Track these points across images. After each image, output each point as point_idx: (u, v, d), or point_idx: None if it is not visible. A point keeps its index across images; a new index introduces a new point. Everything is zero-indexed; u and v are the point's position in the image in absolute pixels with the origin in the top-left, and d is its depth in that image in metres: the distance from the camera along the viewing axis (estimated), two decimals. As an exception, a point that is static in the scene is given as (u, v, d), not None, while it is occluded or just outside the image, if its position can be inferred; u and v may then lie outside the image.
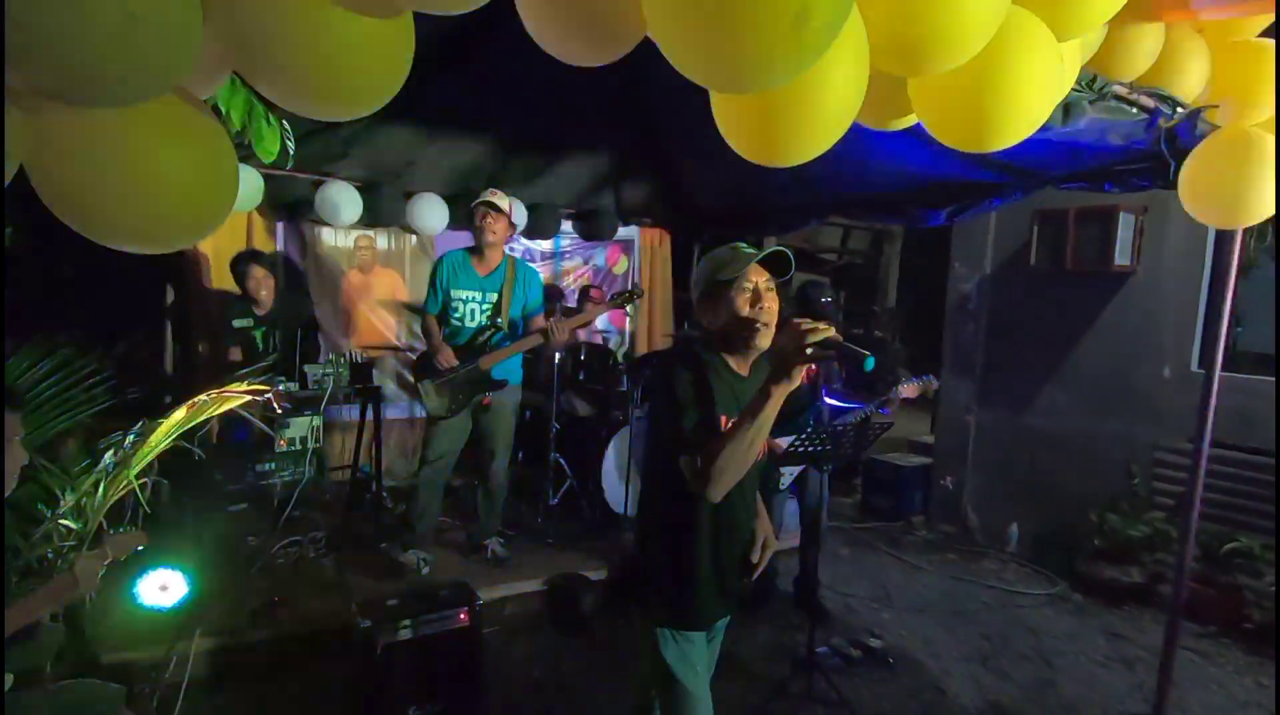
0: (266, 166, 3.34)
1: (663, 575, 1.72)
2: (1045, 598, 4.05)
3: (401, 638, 2.54)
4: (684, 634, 1.71)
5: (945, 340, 5.28)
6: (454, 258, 3.54)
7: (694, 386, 1.58)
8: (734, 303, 1.61)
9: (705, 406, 1.58)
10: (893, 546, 4.79)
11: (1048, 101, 1.55)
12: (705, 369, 1.63)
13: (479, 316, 3.53)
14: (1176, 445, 3.97)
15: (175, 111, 1.09)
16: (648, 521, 1.82)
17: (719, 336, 1.68)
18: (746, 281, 1.61)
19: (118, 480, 2.41)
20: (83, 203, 1.08)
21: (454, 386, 3.47)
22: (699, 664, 1.73)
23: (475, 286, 3.53)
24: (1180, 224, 3.86)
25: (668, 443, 1.60)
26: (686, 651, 1.71)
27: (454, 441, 3.59)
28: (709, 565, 1.69)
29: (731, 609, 1.84)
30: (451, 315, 3.52)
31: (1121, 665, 3.33)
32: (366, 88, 1.08)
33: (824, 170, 3.38)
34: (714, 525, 1.68)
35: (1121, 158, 2.66)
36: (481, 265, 3.53)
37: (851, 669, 3.17)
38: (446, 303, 3.51)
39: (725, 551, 1.71)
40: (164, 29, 0.85)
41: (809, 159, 1.44)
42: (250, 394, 2.59)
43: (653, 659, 1.72)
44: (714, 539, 1.69)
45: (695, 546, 1.68)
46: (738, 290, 1.61)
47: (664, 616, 1.72)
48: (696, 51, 1.09)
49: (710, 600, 1.73)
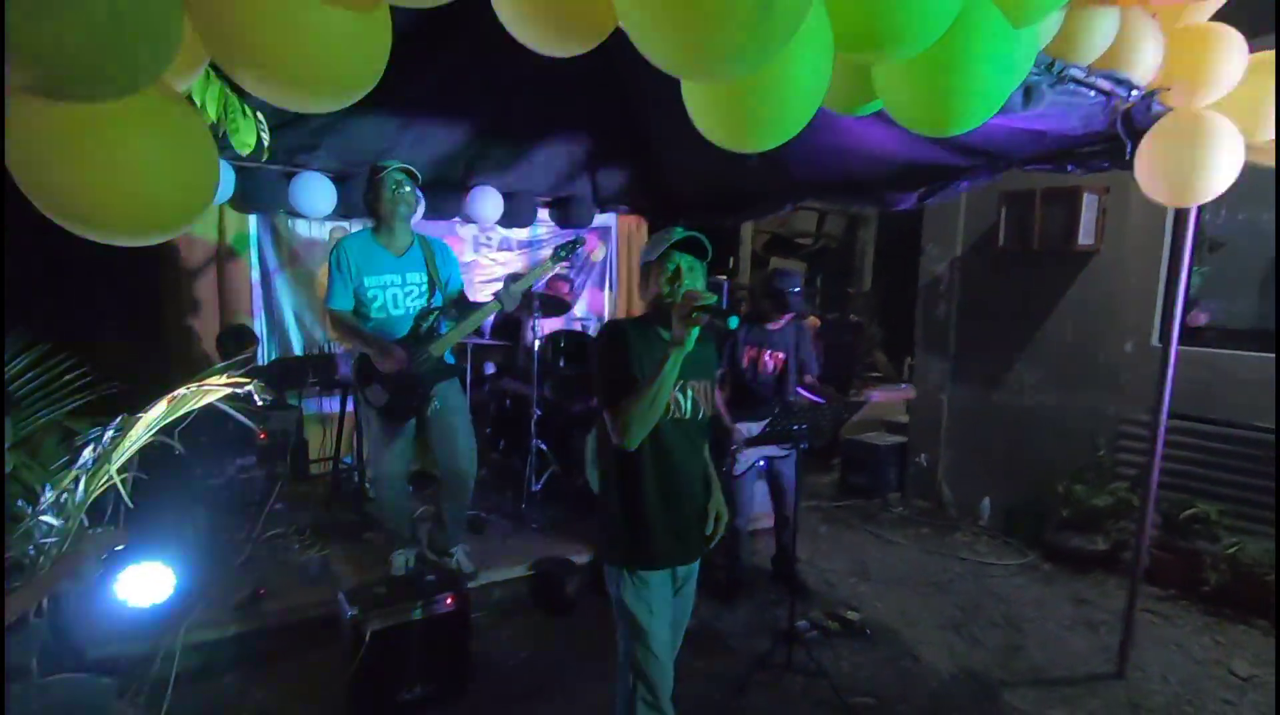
0: (239, 159, 3.31)
1: (615, 520, 1.91)
2: (1016, 568, 4.19)
3: (389, 624, 2.57)
4: (639, 574, 1.89)
5: (918, 321, 5.39)
6: (358, 241, 3.12)
7: (613, 352, 1.80)
8: (659, 281, 1.83)
9: (620, 368, 1.78)
10: (869, 523, 4.91)
11: (1005, 86, 1.61)
12: (628, 337, 1.82)
13: (403, 302, 3.14)
14: (1139, 417, 4.12)
15: (154, 103, 1.11)
16: (602, 473, 1.99)
17: (650, 309, 1.90)
18: (669, 262, 1.82)
19: (98, 475, 2.40)
20: (63, 195, 1.09)
21: (408, 384, 3.10)
22: (654, 604, 1.90)
23: (392, 269, 3.12)
24: (1141, 204, 3.98)
25: (600, 401, 1.83)
26: (642, 592, 1.89)
27: (406, 446, 3.26)
28: (656, 509, 1.88)
29: (690, 557, 2.01)
30: (369, 306, 3.09)
31: (1086, 629, 3.47)
32: (345, 79, 1.11)
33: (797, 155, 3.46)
34: (655, 473, 1.87)
35: (1082, 140, 2.74)
36: (393, 246, 3.15)
37: (830, 641, 3.27)
38: (358, 295, 3.09)
39: (672, 498, 1.90)
40: (147, 24, 0.87)
41: (778, 143, 1.49)
42: (230, 386, 2.59)
43: (615, 599, 1.93)
44: (657, 484, 1.88)
45: (640, 493, 1.87)
46: (660, 270, 1.83)
47: (618, 557, 1.92)
48: (665, 41, 1.13)
49: (662, 543, 1.90)
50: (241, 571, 3.33)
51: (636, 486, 1.87)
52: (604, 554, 1.99)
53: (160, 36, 0.89)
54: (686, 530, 1.97)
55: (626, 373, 1.78)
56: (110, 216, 1.09)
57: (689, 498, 1.97)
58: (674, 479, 1.90)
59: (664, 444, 1.85)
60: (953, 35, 1.42)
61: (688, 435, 1.92)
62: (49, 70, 0.83)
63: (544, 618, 3.41)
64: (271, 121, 2.17)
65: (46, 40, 0.80)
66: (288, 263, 4.71)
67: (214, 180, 1.23)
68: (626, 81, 4.21)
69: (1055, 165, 2.95)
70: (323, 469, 4.64)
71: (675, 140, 4.27)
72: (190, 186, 1.15)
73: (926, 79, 1.55)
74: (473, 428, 3.39)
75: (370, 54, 1.12)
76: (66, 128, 1.01)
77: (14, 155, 1.03)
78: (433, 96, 3.91)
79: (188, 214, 1.16)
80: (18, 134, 0.99)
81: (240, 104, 1.70)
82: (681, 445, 1.90)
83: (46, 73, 0.84)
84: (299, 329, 4.81)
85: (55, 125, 1.03)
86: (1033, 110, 2.17)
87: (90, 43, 0.82)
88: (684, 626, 2.10)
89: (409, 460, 3.33)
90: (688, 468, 1.94)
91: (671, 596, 1.98)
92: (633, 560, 1.90)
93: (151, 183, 1.09)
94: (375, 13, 1.10)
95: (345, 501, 4.22)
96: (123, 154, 1.06)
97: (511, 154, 4.68)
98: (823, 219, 9.75)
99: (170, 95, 1.18)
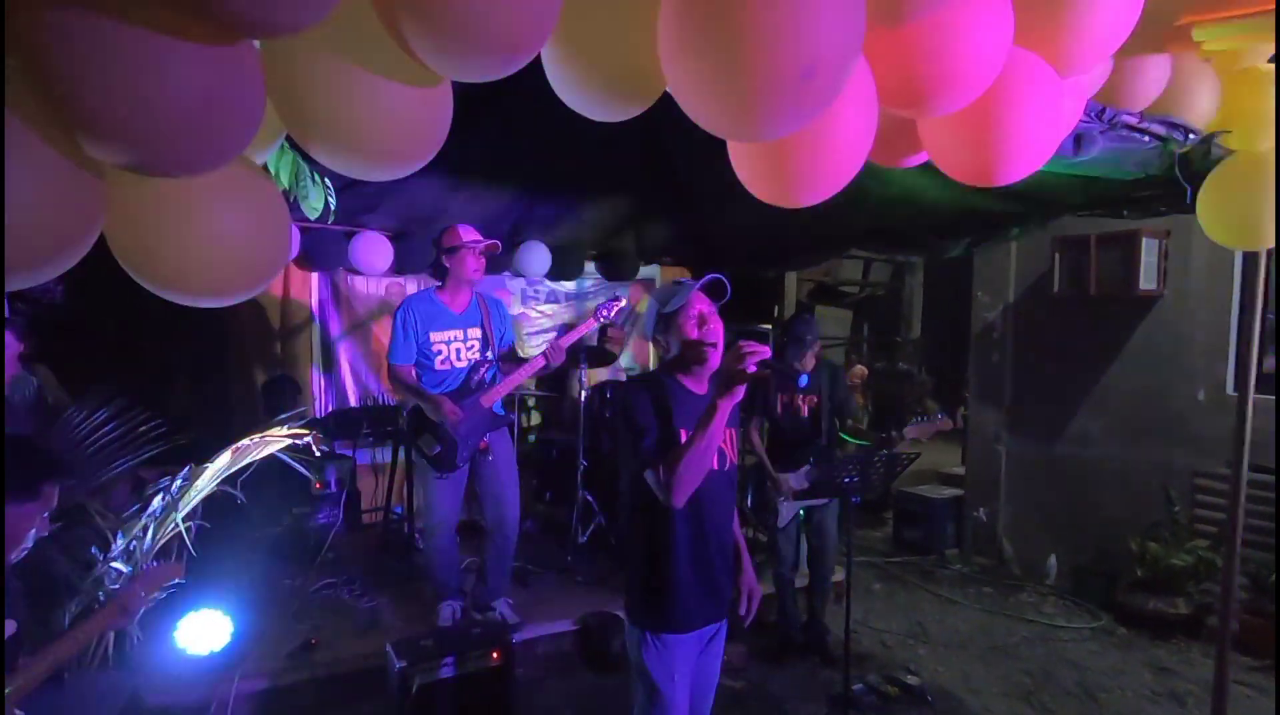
0: (304, 220, 3.50)
1: (642, 580, 1.86)
2: (1088, 631, 3.94)
3: (436, 678, 2.56)
4: (662, 639, 1.82)
5: (971, 370, 5.25)
6: (423, 299, 3.31)
7: (652, 406, 1.77)
8: (683, 329, 1.80)
9: (663, 423, 1.76)
10: (926, 581, 4.70)
11: (1053, 136, 1.60)
12: (662, 390, 1.81)
13: (464, 356, 3.31)
14: (1216, 470, 3.88)
15: (236, 175, 1.20)
16: (626, 535, 1.96)
17: (675, 361, 1.85)
18: (691, 308, 1.80)
19: (165, 523, 2.50)
20: (152, 261, 1.18)
21: (460, 435, 3.21)
22: (677, 670, 1.82)
23: (454, 326, 3.30)
24: (1205, 246, 3.85)
25: (634, 461, 1.77)
26: (664, 656, 1.82)
27: (457, 497, 3.34)
28: (687, 568, 1.82)
29: (720, 614, 1.93)
30: (432, 360, 3.24)
31: (1171, 701, 3.22)
32: (410, 151, 1.18)
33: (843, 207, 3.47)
34: (689, 529, 1.81)
35: (1138, 184, 2.69)
36: (455, 303, 3.33)
37: (888, 707, 3.10)
38: (422, 349, 3.24)
39: (703, 554, 1.84)
40: (234, 106, 0.95)
41: (823, 199, 1.51)
42: (290, 438, 2.69)
43: (635, 661, 1.87)
44: (690, 541, 1.82)
45: (671, 552, 1.81)
46: (685, 317, 1.80)
47: (642, 619, 1.86)
48: (710, 104, 1.17)
49: (692, 603, 1.83)
50: (293, 621, 3.38)
51: (668, 545, 1.81)
52: (627, 612, 1.92)
53: (244, 119, 0.97)
54: (717, 587, 1.90)
55: (669, 427, 1.75)
56: (191, 280, 1.16)
57: (720, 552, 1.90)
58: (706, 534, 1.85)
59: (697, 498, 1.77)
60: (998, 87, 1.43)
61: (718, 487, 1.86)
62: (129, 148, 0.91)
63: (589, 674, 3.34)
64: (335, 184, 2.31)
65: (128, 120, 0.88)
66: (346, 317, 4.91)
67: (286, 245, 1.31)
68: (669, 137, 4.32)
69: (1111, 211, 2.89)
70: (374, 519, 4.72)
71: (718, 194, 4.34)
72: (266, 251, 1.23)
73: (972, 131, 1.55)
74: (518, 479, 3.46)
75: (433, 127, 1.19)
76: (154, 199, 1.10)
77: (108, 222, 1.12)
78: (483, 158, 4.08)
79: (262, 277, 1.24)
80: (112, 202, 1.08)
81: (311, 172, 1.81)
82: (713, 498, 1.84)
83: (126, 151, 0.92)
84: (355, 380, 4.97)
85: (144, 197, 1.12)
86: (1084, 157, 2.15)
87: (177, 125, 0.89)
88: (713, 690, 2.00)
89: (459, 511, 3.39)
90: (720, 520, 1.90)
91: (696, 657, 1.90)
92: (659, 623, 1.83)
93: (231, 248, 1.17)
94: (437, 89, 1.17)
95: (396, 551, 4.26)
96: (205, 222, 1.14)
97: (558, 210, 4.83)
98: (868, 267, 9.69)
99: (249, 166, 1.27)
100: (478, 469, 3.33)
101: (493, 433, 3.34)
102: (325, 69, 1.07)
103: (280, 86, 1.09)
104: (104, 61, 0.88)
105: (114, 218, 1.14)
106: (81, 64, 0.87)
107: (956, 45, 1.32)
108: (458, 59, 1.01)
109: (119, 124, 0.91)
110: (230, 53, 0.95)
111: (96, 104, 0.90)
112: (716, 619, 1.93)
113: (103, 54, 0.88)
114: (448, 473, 3.24)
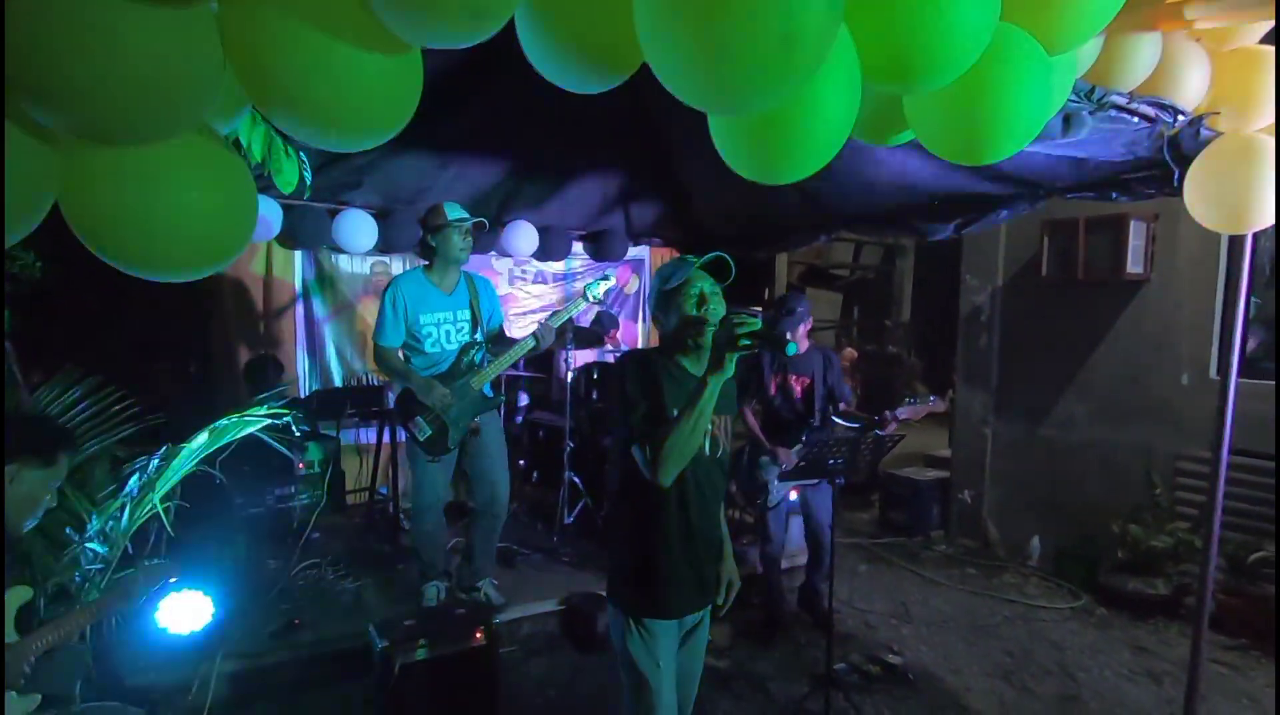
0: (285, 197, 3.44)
1: (628, 564, 1.83)
2: (1068, 611, 3.98)
3: (419, 658, 2.55)
4: (647, 626, 1.80)
5: (959, 353, 5.25)
6: (412, 280, 3.24)
7: (640, 382, 1.73)
8: (682, 307, 1.77)
9: (653, 400, 1.71)
10: (911, 562, 4.74)
11: (1041, 114, 1.58)
12: (655, 368, 1.76)
13: (454, 337, 3.27)
14: (1198, 454, 3.91)
15: (197, 146, 1.15)
16: (612, 517, 1.89)
17: (673, 339, 1.81)
18: (692, 287, 1.77)
19: (142, 504, 2.47)
20: (112, 235, 1.14)
21: (450, 417, 3.19)
22: (661, 657, 1.80)
23: (444, 307, 3.25)
24: (1193, 230, 3.83)
25: (622, 438, 1.74)
26: (649, 643, 1.80)
27: (447, 478, 3.34)
28: (676, 554, 1.79)
29: (705, 603, 1.91)
30: (422, 343, 3.20)
31: (1148, 679, 3.27)
32: (377, 120, 1.14)
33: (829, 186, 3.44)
34: (678, 515, 1.78)
35: (1126, 167, 2.67)
36: (444, 284, 3.28)
37: (871, 686, 3.13)
38: (411, 331, 3.20)
39: (693, 542, 1.81)
40: (189, 71, 0.91)
41: (805, 176, 1.48)
42: (270, 417, 2.65)
43: (619, 650, 1.84)
44: (680, 527, 1.78)
45: (660, 537, 1.78)
46: (684, 295, 1.77)
47: (628, 604, 1.83)
48: (689, 76, 1.14)
49: (679, 591, 1.82)
50: (277, 601, 3.36)
51: (657, 530, 1.77)
52: (610, 596, 1.90)
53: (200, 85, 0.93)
54: (704, 576, 1.87)
55: (660, 403, 1.71)
56: (151, 254, 1.13)
57: (709, 541, 1.87)
58: (696, 520, 1.81)
59: (687, 483, 1.75)
60: (985, 63, 1.40)
61: (709, 474, 1.83)
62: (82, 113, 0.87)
63: (574, 654, 3.35)
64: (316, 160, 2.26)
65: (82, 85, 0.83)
66: (329, 296, 4.84)
67: (252, 219, 1.27)
68: (656, 116, 4.26)
69: (1099, 193, 2.87)
70: (358, 500, 4.70)
71: (705, 173, 4.30)
72: (229, 225, 1.19)
73: (959, 108, 1.52)
74: (507, 460, 3.45)
75: (401, 96, 1.15)
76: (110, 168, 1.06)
77: (64, 197, 1.08)
78: (470, 135, 4.02)
79: (226, 252, 1.20)
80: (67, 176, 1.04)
81: (284, 145, 1.76)
82: (704, 484, 1.81)
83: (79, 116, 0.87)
84: (339, 361, 4.92)
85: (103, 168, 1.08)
86: (1073, 138, 2.12)
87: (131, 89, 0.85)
88: (698, 679, 1.98)
89: (447, 492, 3.39)
90: (710, 508, 1.86)
91: (678, 647, 1.88)
92: (644, 609, 1.81)
93: (191, 221, 1.13)
94: (406, 56, 1.13)
95: (380, 532, 4.25)
96: (163, 194, 1.10)
97: (546, 189, 4.77)
98: (859, 250, 9.68)
99: (212, 137, 1.22)
100: (468, 448, 3.30)
101: (484, 414, 3.32)
102: (286, 34, 1.03)
103: (240, 53, 1.05)
104: (52, 22, 0.84)
105: (69, 188, 1.10)
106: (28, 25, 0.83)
107: (942, 17, 1.28)
108: (422, 23, 0.97)
109: (66, 88, 0.87)
110: (185, 16, 0.91)
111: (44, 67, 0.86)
112: (701, 606, 1.90)
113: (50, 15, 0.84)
114: (438, 455, 3.22)
